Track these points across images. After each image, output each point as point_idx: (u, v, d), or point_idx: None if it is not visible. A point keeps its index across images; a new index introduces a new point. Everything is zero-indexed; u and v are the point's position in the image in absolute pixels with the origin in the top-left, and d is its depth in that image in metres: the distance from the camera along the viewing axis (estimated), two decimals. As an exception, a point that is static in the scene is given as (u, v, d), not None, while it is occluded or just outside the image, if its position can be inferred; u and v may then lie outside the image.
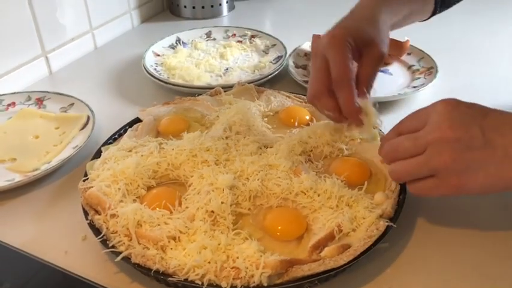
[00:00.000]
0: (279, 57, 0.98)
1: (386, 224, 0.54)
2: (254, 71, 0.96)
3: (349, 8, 0.71)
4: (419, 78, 0.90)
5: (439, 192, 0.52)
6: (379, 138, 0.67)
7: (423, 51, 0.97)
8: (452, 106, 0.52)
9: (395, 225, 0.55)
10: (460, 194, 0.52)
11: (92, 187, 0.60)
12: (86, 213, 0.59)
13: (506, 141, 0.49)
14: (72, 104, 0.85)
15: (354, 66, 0.64)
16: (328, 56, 0.62)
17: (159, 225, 0.55)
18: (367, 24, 0.66)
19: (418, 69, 0.93)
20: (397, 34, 0.96)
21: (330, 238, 0.54)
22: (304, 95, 0.81)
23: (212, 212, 0.56)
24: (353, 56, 0.63)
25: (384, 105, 0.84)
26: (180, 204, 0.59)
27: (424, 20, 0.83)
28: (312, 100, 0.66)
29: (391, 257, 0.57)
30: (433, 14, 0.82)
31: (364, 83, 0.64)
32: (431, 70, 0.91)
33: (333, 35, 0.63)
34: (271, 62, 0.98)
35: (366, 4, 0.70)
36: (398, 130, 0.57)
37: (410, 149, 0.53)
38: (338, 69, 0.61)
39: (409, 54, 0.98)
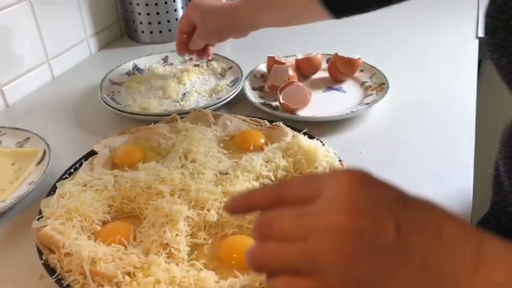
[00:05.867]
0: (236, 80, 0.99)
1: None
2: (211, 94, 0.97)
3: (305, 31, 0.76)
4: (371, 94, 0.93)
5: None
6: None
7: (375, 68, 1.00)
8: (360, 183, 0.37)
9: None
10: None
11: (46, 226, 0.60)
12: (40, 253, 0.59)
13: (425, 249, 0.35)
14: (28, 139, 0.84)
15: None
16: None
17: (113, 261, 0.55)
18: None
19: (370, 86, 0.96)
20: (348, 51, 0.99)
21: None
22: (261, 118, 0.83)
23: (167, 244, 0.57)
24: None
25: (337, 124, 0.86)
26: (135, 238, 0.59)
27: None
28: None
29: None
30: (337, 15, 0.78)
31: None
32: (382, 86, 0.94)
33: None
34: (228, 85, 0.99)
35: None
36: (280, 193, 0.39)
37: (290, 228, 0.37)
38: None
39: (361, 71, 1.00)
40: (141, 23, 1.25)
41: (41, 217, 0.63)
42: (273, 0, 0.84)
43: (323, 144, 0.73)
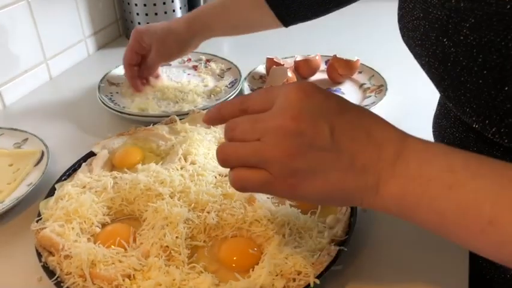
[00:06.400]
0: (234, 81, 0.99)
1: (338, 248, 0.56)
2: (210, 96, 0.97)
3: (303, 32, 0.76)
4: (370, 96, 0.93)
5: (266, 189, 0.45)
6: None
7: (373, 69, 1.00)
8: (306, 94, 0.44)
9: (346, 249, 0.56)
10: (293, 198, 0.48)
11: (45, 228, 0.60)
12: (39, 255, 0.58)
13: (354, 148, 0.43)
14: (26, 139, 0.84)
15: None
16: None
17: (113, 263, 0.55)
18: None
19: (369, 88, 0.96)
20: (347, 53, 0.99)
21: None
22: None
23: (167, 247, 0.57)
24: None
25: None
26: (134, 240, 0.59)
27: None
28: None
29: (346, 279, 0.58)
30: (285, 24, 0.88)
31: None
32: (381, 88, 0.94)
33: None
34: (226, 86, 0.99)
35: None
36: (244, 105, 0.48)
37: (247, 132, 0.45)
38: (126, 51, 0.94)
39: (360, 72, 1.00)
40: (139, 23, 1.24)
41: (40, 219, 0.63)
42: (223, 10, 0.91)
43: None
